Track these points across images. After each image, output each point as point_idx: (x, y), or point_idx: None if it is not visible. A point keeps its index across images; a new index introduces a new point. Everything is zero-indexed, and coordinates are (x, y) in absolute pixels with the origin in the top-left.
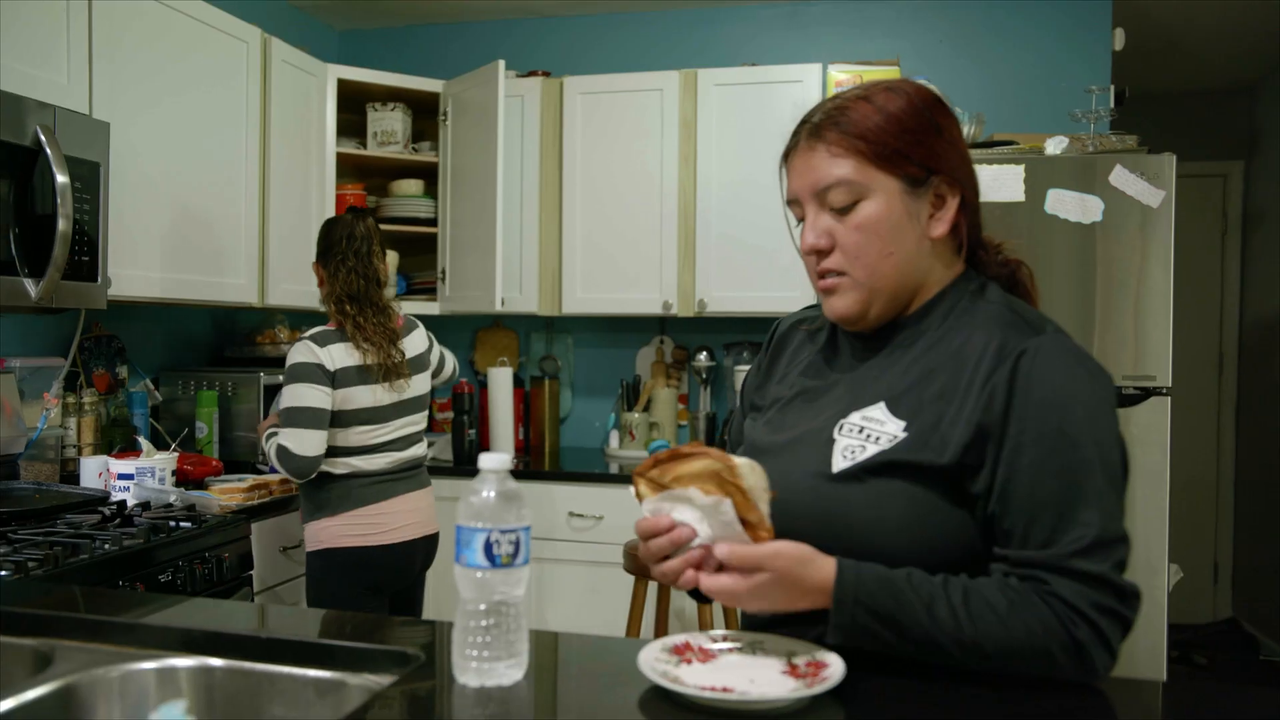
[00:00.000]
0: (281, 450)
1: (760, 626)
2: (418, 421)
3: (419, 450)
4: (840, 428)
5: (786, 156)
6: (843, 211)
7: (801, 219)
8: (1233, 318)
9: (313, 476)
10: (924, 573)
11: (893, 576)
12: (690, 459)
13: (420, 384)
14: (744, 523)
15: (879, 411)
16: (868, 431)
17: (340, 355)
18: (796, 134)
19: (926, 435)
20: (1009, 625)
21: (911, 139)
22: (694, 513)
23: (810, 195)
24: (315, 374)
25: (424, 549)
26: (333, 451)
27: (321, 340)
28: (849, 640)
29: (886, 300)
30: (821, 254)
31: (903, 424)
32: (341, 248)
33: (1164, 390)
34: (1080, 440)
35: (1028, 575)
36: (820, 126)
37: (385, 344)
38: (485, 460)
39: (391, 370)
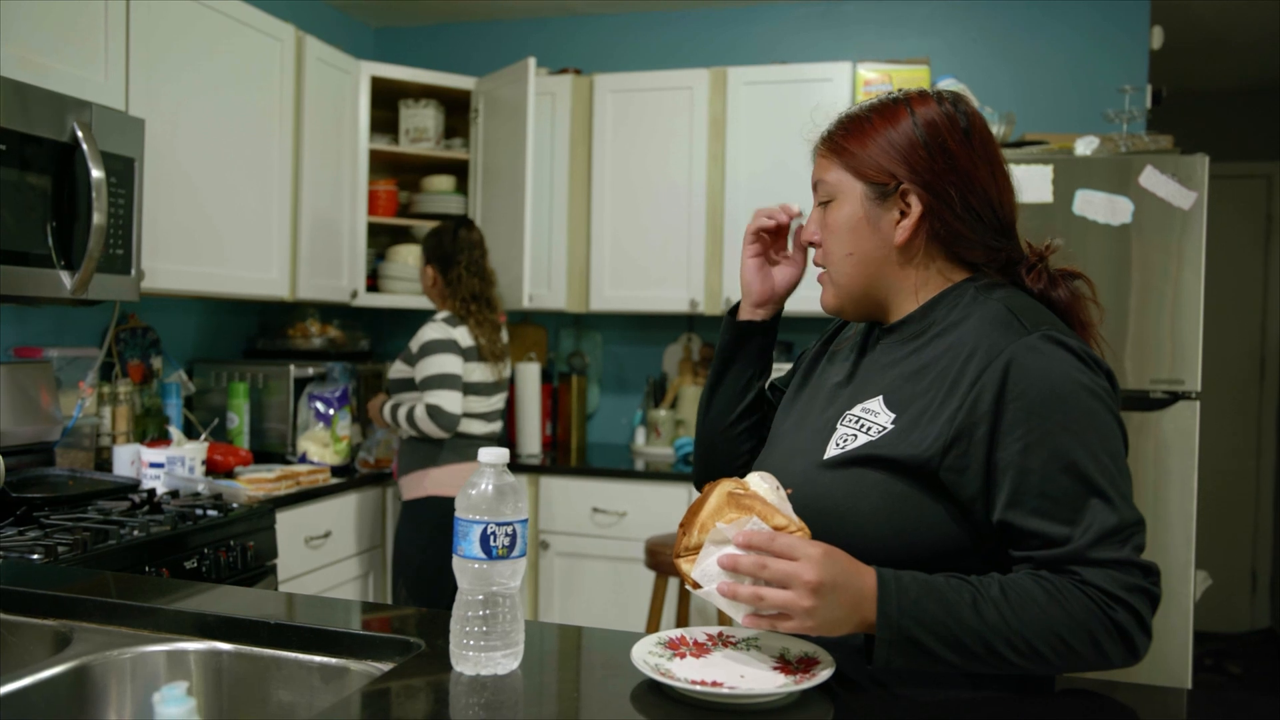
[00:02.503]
0: (433, 408)
1: None
2: (504, 400)
3: (500, 425)
4: (844, 418)
5: None
6: (825, 211)
7: None
8: (1275, 323)
9: (456, 430)
10: (954, 574)
11: (930, 578)
12: (704, 500)
13: (508, 370)
14: (776, 530)
15: (876, 404)
16: (862, 422)
17: (464, 335)
18: None
19: (909, 430)
20: (1053, 615)
21: (888, 153)
22: (732, 548)
23: (813, 193)
24: (452, 346)
25: None
26: None
27: (451, 322)
28: (895, 657)
29: (857, 299)
30: (816, 248)
31: (893, 416)
32: (461, 256)
33: (1193, 395)
34: (1083, 432)
35: (1056, 570)
36: (827, 133)
37: (493, 333)
38: (484, 454)
39: (496, 353)
